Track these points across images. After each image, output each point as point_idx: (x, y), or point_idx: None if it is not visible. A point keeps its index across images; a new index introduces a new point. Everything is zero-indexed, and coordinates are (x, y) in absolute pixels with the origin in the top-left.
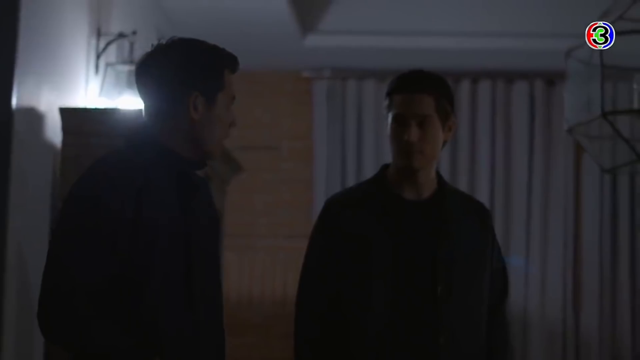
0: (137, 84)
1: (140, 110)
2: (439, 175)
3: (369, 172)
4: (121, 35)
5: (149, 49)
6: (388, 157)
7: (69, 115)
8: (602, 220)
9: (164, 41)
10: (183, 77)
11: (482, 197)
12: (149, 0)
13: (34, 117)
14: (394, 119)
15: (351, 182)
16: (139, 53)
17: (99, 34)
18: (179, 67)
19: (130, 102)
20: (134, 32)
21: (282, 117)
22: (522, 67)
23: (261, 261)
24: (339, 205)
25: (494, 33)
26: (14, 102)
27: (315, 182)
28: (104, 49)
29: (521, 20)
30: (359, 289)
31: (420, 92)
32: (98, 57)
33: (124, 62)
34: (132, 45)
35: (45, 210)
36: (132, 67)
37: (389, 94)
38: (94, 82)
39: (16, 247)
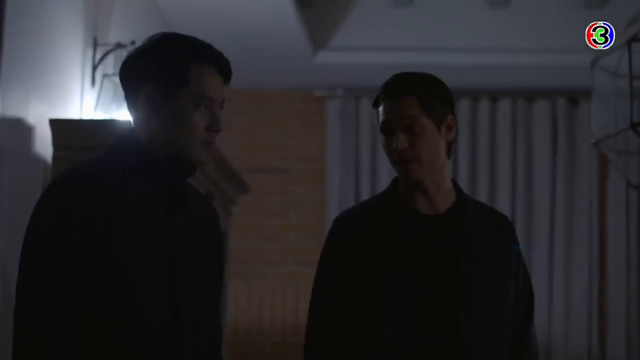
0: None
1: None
2: (456, 186)
3: None
4: (119, 46)
5: None
6: None
7: (60, 128)
8: (629, 241)
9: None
10: (137, 70)
11: None
12: (150, 10)
13: (22, 130)
14: (381, 129)
15: None
16: None
17: (95, 43)
18: (135, 61)
19: (129, 115)
20: (133, 43)
21: (292, 137)
22: (544, 85)
23: (270, 288)
24: (349, 223)
25: (513, 49)
26: None
27: (327, 205)
28: (101, 59)
29: (542, 36)
30: (374, 312)
31: (401, 95)
32: (94, 68)
33: None
34: None
35: None
36: None
37: (375, 106)
38: (90, 95)
39: (1, 267)
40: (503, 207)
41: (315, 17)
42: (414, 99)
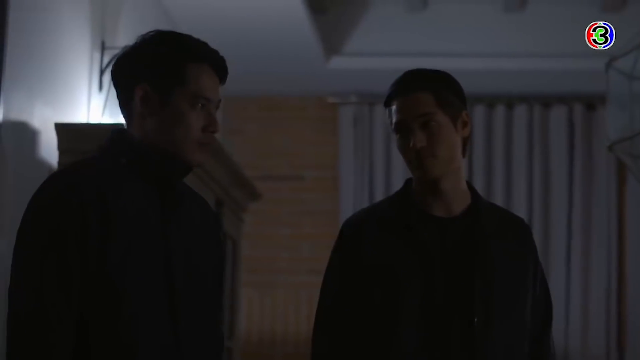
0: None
1: None
2: (472, 188)
3: None
4: None
5: None
6: None
7: (66, 132)
8: None
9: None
10: (132, 68)
11: None
12: (159, 14)
13: (27, 134)
14: (395, 128)
15: None
16: None
17: (103, 47)
18: (130, 59)
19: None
20: None
21: (305, 145)
22: (560, 90)
23: (283, 298)
24: (360, 225)
25: (529, 54)
26: (0, 116)
27: (341, 214)
28: (109, 63)
29: (558, 40)
30: (384, 321)
31: (416, 91)
32: (102, 72)
33: None
34: None
35: None
36: None
37: (387, 105)
38: (98, 99)
39: (3, 273)
40: (520, 213)
41: (328, 23)
42: (429, 95)
